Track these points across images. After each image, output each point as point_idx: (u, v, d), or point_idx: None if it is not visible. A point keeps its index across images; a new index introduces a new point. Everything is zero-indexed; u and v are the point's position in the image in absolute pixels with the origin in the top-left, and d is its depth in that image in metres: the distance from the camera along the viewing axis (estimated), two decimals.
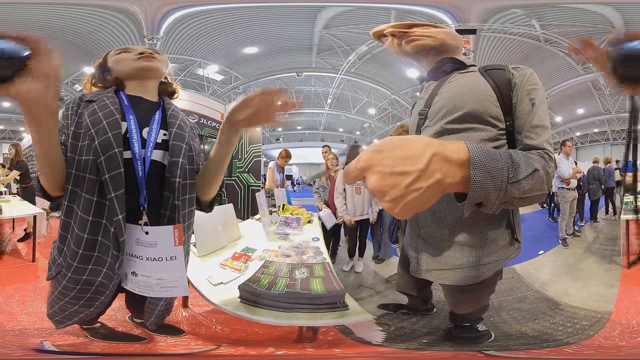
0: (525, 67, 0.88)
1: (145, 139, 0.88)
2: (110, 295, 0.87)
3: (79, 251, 0.82)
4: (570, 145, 3.88)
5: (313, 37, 6.20)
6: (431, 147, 0.44)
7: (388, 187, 0.42)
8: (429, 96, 0.98)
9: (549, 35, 5.55)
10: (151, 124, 0.90)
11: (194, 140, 0.97)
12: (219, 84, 7.33)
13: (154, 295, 0.85)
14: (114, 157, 0.80)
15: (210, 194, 1.01)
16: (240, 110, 0.85)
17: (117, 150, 0.81)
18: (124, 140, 0.84)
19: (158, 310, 0.98)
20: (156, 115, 0.92)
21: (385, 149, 0.43)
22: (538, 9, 5.08)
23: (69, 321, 0.91)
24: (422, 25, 0.98)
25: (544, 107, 0.84)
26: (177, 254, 0.82)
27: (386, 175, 0.42)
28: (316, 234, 2.14)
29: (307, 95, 8.72)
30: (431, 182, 0.43)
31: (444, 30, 0.98)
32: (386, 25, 1.01)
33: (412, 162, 0.42)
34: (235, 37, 5.93)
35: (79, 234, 0.82)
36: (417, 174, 0.42)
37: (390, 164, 0.42)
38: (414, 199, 0.43)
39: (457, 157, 0.47)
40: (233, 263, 1.44)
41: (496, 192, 0.53)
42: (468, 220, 0.89)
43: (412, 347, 1.36)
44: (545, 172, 0.66)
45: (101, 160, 0.80)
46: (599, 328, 1.70)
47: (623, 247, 2.90)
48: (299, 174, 13.21)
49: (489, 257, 0.91)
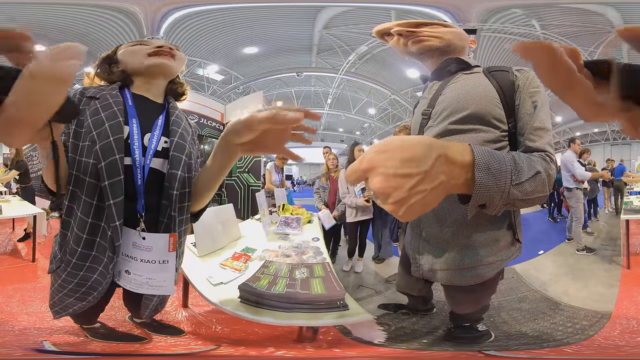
0: (528, 70, 0.88)
1: (145, 145, 0.87)
2: (103, 291, 0.89)
3: (77, 249, 0.84)
4: (579, 143, 3.76)
5: (313, 37, 6.20)
6: (435, 149, 0.44)
7: (392, 189, 0.41)
8: (432, 96, 0.98)
9: (549, 35, 5.55)
10: (153, 130, 0.88)
11: (193, 147, 0.96)
12: (219, 84, 7.33)
13: (141, 292, 0.87)
14: (115, 164, 0.80)
15: (197, 206, 0.96)
16: (241, 133, 0.69)
17: (118, 156, 0.80)
18: (125, 145, 0.83)
19: (152, 305, 1.00)
20: (159, 121, 0.91)
21: (388, 149, 0.43)
22: (538, 9, 5.08)
23: (64, 312, 0.94)
24: (430, 24, 0.97)
25: (545, 110, 0.85)
26: (169, 258, 0.86)
27: (390, 177, 0.41)
28: (316, 234, 2.14)
29: (307, 95, 8.72)
30: (435, 184, 0.43)
31: (451, 30, 0.98)
32: (392, 24, 0.99)
33: (416, 164, 0.42)
34: (235, 37, 5.93)
35: (79, 234, 0.83)
36: (421, 176, 0.42)
37: (394, 166, 0.41)
38: (417, 201, 0.42)
39: (462, 159, 0.47)
40: (233, 263, 1.44)
41: (499, 193, 0.54)
42: (470, 221, 0.89)
43: (412, 347, 1.36)
44: (547, 174, 0.67)
45: (102, 165, 0.79)
46: (599, 328, 1.69)
47: (623, 247, 2.89)
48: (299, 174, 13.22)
49: (490, 258, 0.91)
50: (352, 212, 2.76)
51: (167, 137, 0.90)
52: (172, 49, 0.91)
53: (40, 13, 4.66)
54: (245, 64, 6.91)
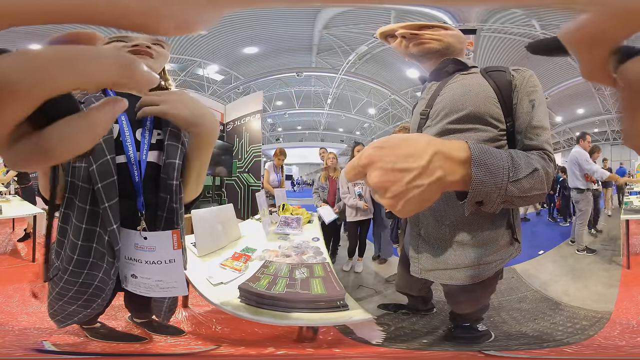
0: (525, 69, 0.89)
1: (139, 141, 0.83)
2: (108, 297, 0.86)
3: (74, 257, 0.81)
4: (589, 139, 3.43)
5: (313, 37, 6.20)
6: (433, 145, 0.45)
7: (390, 183, 0.43)
8: (430, 96, 0.99)
9: (549, 35, 5.55)
10: (144, 123, 0.85)
11: (186, 136, 0.91)
12: (219, 84, 7.33)
13: (154, 296, 0.85)
14: (106, 165, 0.77)
15: (189, 196, 0.91)
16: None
17: (110, 157, 0.77)
18: (117, 143, 0.80)
19: (165, 307, 0.98)
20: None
21: (387, 146, 0.44)
22: (538, 9, 5.08)
23: (69, 320, 0.91)
24: (432, 26, 0.98)
25: (543, 108, 0.85)
26: (175, 257, 0.82)
27: (388, 172, 0.43)
28: (316, 234, 2.14)
29: (307, 95, 8.73)
30: (432, 179, 0.44)
31: (451, 32, 0.99)
32: (396, 26, 1.00)
33: (413, 159, 0.43)
34: (235, 37, 5.94)
35: (74, 241, 0.81)
36: (418, 170, 0.43)
37: (392, 161, 0.43)
38: (415, 196, 0.43)
39: (458, 155, 0.48)
40: (233, 263, 1.44)
41: (497, 190, 0.54)
42: (469, 220, 0.89)
43: (412, 347, 1.36)
44: (545, 172, 0.66)
45: (93, 168, 0.77)
46: (599, 328, 1.70)
47: (623, 247, 2.90)
48: (299, 174, 13.22)
49: (489, 257, 0.91)
50: (351, 211, 2.76)
51: (159, 129, 0.87)
52: (149, 47, 0.85)
53: None
54: (245, 64, 6.92)
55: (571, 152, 3.45)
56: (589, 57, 0.25)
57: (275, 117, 9.62)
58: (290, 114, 9.45)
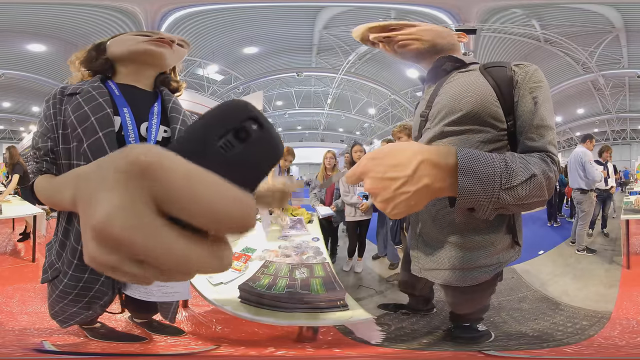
0: (528, 64, 0.83)
1: (142, 136, 0.79)
2: (110, 300, 0.86)
3: (73, 261, 0.80)
4: (594, 142, 3.43)
5: (313, 37, 6.20)
6: (419, 155, 0.49)
7: (380, 190, 0.49)
8: (429, 97, 0.96)
9: (549, 35, 5.56)
10: (150, 117, 0.80)
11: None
12: (219, 84, 7.33)
13: (155, 301, 0.85)
14: None
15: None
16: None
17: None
18: (119, 138, 0.74)
19: (172, 308, 0.99)
20: (155, 108, 0.82)
21: (378, 157, 0.50)
22: (538, 9, 5.08)
23: (71, 321, 0.91)
24: (400, 25, 0.94)
25: (548, 106, 0.79)
26: None
27: (378, 180, 0.49)
28: (316, 234, 2.14)
29: (307, 95, 8.73)
30: (419, 186, 0.48)
31: (426, 28, 0.94)
32: (364, 28, 0.97)
33: (400, 169, 0.48)
34: (235, 37, 5.94)
35: (74, 245, 0.79)
36: (404, 179, 0.48)
37: (382, 170, 0.49)
38: (402, 201, 0.48)
39: (445, 163, 0.51)
40: (233, 263, 1.44)
41: (487, 198, 0.53)
42: (464, 223, 0.87)
43: (412, 347, 1.36)
44: (545, 177, 0.62)
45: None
46: (599, 328, 1.69)
47: (623, 247, 2.90)
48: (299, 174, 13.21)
49: (486, 260, 0.89)
50: (351, 211, 2.76)
51: (167, 126, 0.82)
52: (173, 41, 0.83)
53: (41, 13, 4.66)
54: (245, 64, 6.91)
55: (575, 152, 3.37)
56: None
57: (275, 117, 9.62)
58: (290, 114, 9.44)
